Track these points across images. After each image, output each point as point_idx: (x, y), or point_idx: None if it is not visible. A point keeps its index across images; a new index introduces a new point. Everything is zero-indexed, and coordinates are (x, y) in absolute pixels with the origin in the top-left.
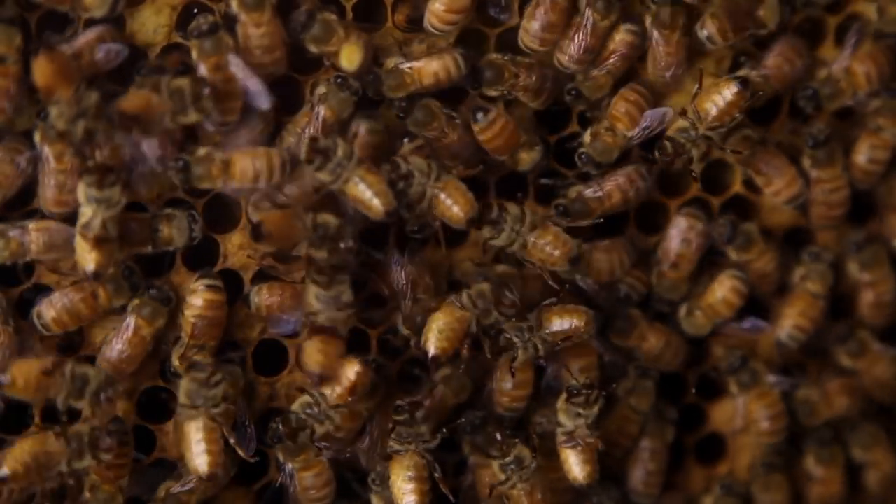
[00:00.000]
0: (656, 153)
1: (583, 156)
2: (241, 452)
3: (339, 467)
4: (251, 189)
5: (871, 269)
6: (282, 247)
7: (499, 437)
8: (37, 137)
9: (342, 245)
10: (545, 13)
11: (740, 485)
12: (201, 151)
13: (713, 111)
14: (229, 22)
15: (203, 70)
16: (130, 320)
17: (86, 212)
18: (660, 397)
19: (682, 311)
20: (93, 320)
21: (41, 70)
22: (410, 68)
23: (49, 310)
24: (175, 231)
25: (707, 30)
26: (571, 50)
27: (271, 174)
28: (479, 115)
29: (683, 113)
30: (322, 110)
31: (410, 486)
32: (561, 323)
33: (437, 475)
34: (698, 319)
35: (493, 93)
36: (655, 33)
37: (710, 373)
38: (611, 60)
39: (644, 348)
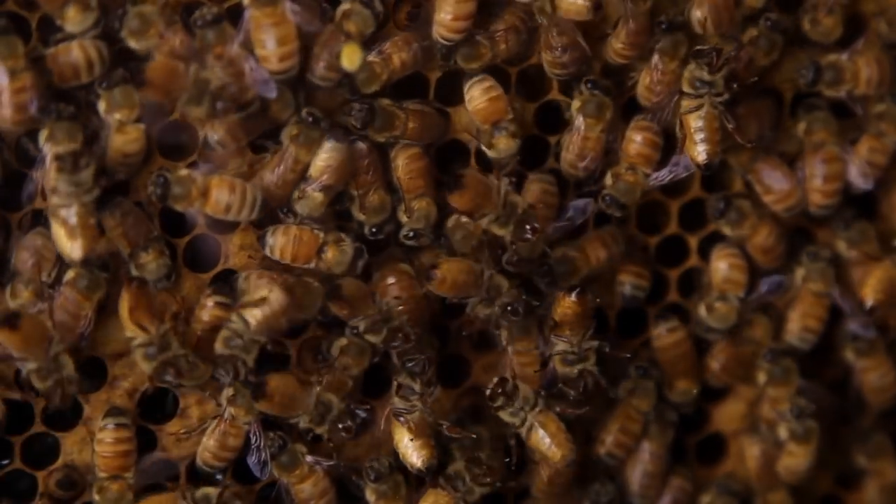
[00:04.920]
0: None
1: (606, 198)
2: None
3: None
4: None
5: (859, 245)
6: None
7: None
8: (42, 138)
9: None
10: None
11: (737, 484)
12: (182, 171)
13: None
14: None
15: (208, 61)
16: None
17: (62, 198)
18: (661, 400)
19: (702, 309)
20: None
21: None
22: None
23: None
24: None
25: (699, 13)
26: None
27: (241, 210)
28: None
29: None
30: (292, 150)
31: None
32: (542, 437)
33: (445, 426)
34: (720, 310)
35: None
36: (579, 120)
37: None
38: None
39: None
